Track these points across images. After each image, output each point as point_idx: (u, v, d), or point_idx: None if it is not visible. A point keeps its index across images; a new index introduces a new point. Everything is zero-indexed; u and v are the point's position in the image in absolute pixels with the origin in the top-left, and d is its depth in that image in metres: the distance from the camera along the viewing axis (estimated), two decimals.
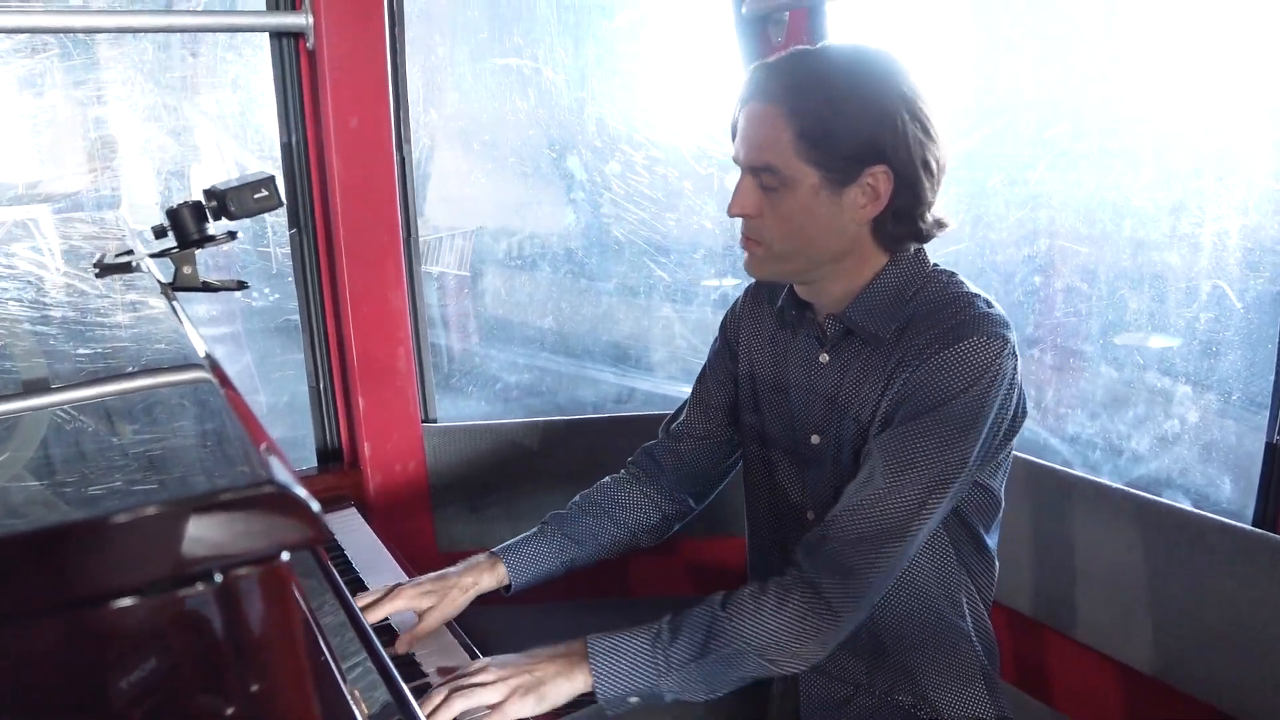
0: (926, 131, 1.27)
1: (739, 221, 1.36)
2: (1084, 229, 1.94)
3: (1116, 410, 1.91)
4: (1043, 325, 2.06)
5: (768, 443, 1.51)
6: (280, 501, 0.45)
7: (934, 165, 1.28)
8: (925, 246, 1.37)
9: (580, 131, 2.63)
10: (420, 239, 2.31)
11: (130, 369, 0.85)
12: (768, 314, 1.50)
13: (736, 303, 1.60)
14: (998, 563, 1.48)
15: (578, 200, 2.71)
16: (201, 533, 0.44)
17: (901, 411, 1.27)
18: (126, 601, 0.43)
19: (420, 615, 1.48)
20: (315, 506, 0.45)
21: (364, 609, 1.46)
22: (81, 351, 0.99)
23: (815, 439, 1.43)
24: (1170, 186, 1.80)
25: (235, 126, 2.36)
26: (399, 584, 1.51)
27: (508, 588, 1.57)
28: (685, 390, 1.68)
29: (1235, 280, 1.69)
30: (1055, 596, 1.79)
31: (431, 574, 1.53)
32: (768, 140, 1.27)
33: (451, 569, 1.54)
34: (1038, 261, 2.05)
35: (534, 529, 1.61)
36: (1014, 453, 1.80)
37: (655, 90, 2.65)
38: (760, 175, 1.29)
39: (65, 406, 0.74)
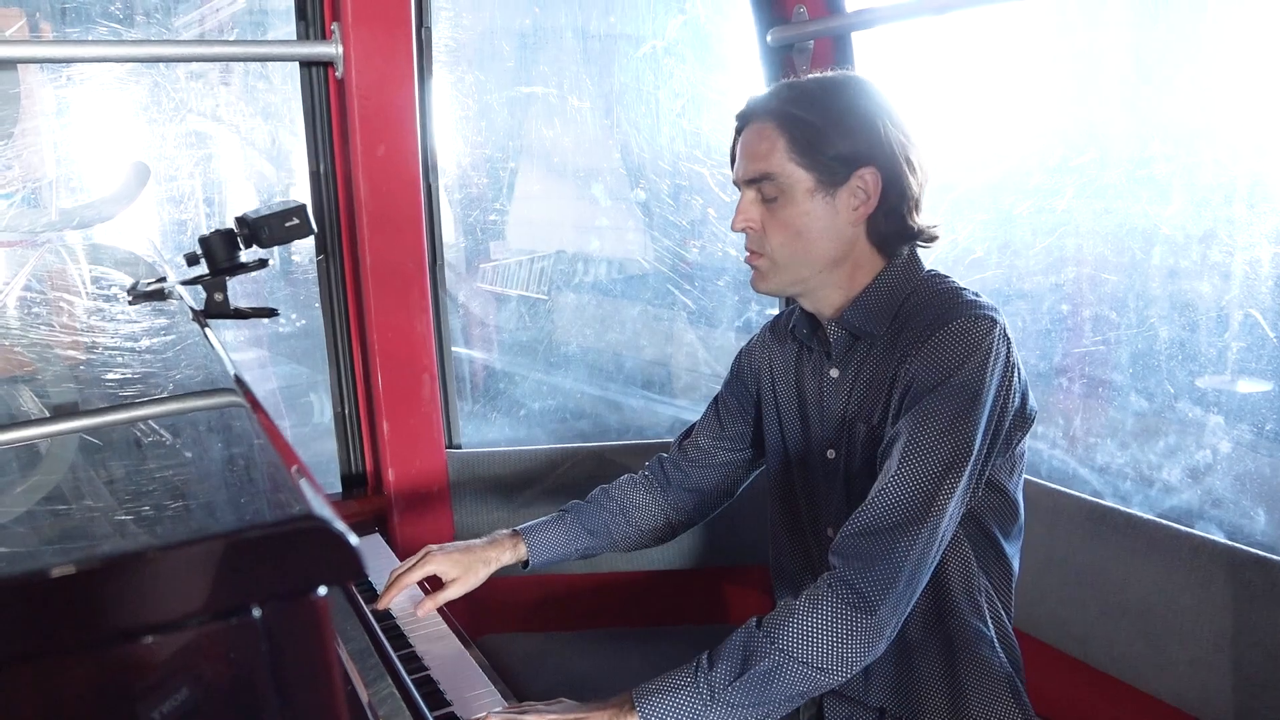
0: (906, 135, 1.38)
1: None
2: (1113, 257, 1.93)
3: (1147, 440, 1.89)
4: (1071, 354, 2.04)
5: (789, 463, 1.57)
6: (319, 537, 0.45)
7: (916, 163, 1.39)
8: (920, 254, 1.45)
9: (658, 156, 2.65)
10: (499, 263, 2.36)
11: (161, 394, 0.85)
12: (789, 343, 1.57)
13: (754, 337, 1.67)
14: (1017, 574, 1.48)
15: (647, 225, 2.72)
16: (239, 567, 0.44)
17: (906, 401, 1.33)
18: (162, 636, 0.43)
19: (445, 583, 1.59)
20: (354, 541, 0.45)
21: (398, 574, 1.60)
22: (111, 377, 1.00)
23: (830, 453, 1.48)
24: (1200, 214, 1.78)
25: (266, 154, 2.39)
26: (428, 550, 1.62)
27: (524, 564, 1.67)
28: None
29: (1268, 309, 1.67)
30: (1085, 629, 1.76)
31: (458, 543, 1.64)
32: (762, 151, 1.38)
33: (475, 541, 1.65)
34: (1065, 290, 2.04)
35: (554, 514, 1.71)
36: (1042, 482, 1.79)
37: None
38: (758, 186, 1.39)
39: (96, 431, 0.74)
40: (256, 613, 0.43)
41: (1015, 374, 1.34)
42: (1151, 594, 1.64)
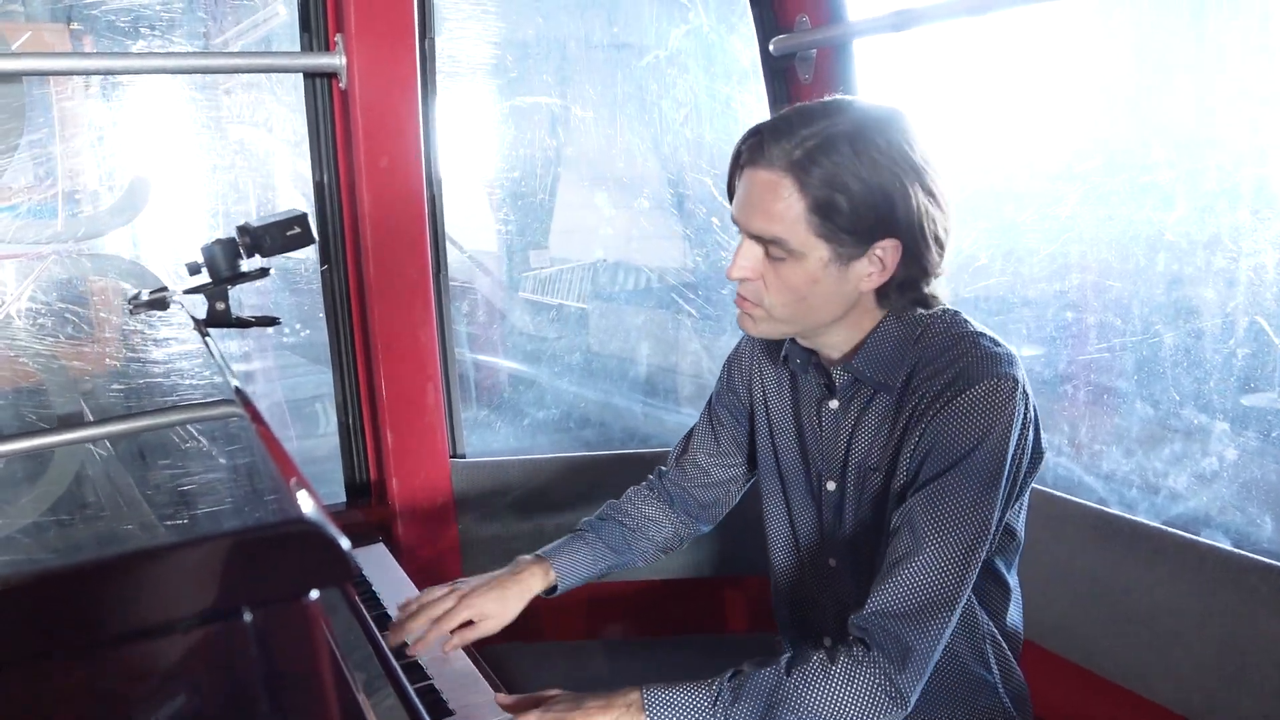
0: (936, 202, 1.25)
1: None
2: (1117, 264, 1.93)
3: (1152, 448, 1.88)
4: (1075, 361, 2.04)
5: (785, 483, 1.52)
6: (312, 541, 0.45)
7: (943, 237, 1.27)
8: (942, 287, 1.36)
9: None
10: (541, 271, 2.35)
11: (162, 404, 0.85)
12: (780, 366, 1.50)
13: (742, 342, 1.60)
14: (1021, 600, 1.46)
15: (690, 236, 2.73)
16: (232, 570, 0.43)
17: (925, 469, 1.26)
18: (154, 639, 0.43)
19: (478, 621, 1.50)
20: (346, 545, 0.45)
21: (437, 621, 1.48)
22: (114, 388, 1.00)
23: (831, 485, 1.43)
24: (1204, 221, 1.78)
25: (270, 165, 2.40)
26: (462, 592, 1.52)
27: (551, 590, 1.60)
28: None
29: (1273, 315, 1.66)
30: (1090, 636, 1.75)
31: (483, 577, 1.55)
32: (777, 213, 1.24)
33: (500, 571, 1.56)
34: (1070, 297, 2.03)
35: (571, 534, 1.65)
36: (1049, 490, 1.78)
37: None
38: (767, 245, 1.27)
39: (97, 441, 0.74)
40: (248, 616, 0.43)
41: (1031, 428, 1.29)
42: (1157, 601, 1.63)
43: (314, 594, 0.45)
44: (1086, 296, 2.01)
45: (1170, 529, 1.65)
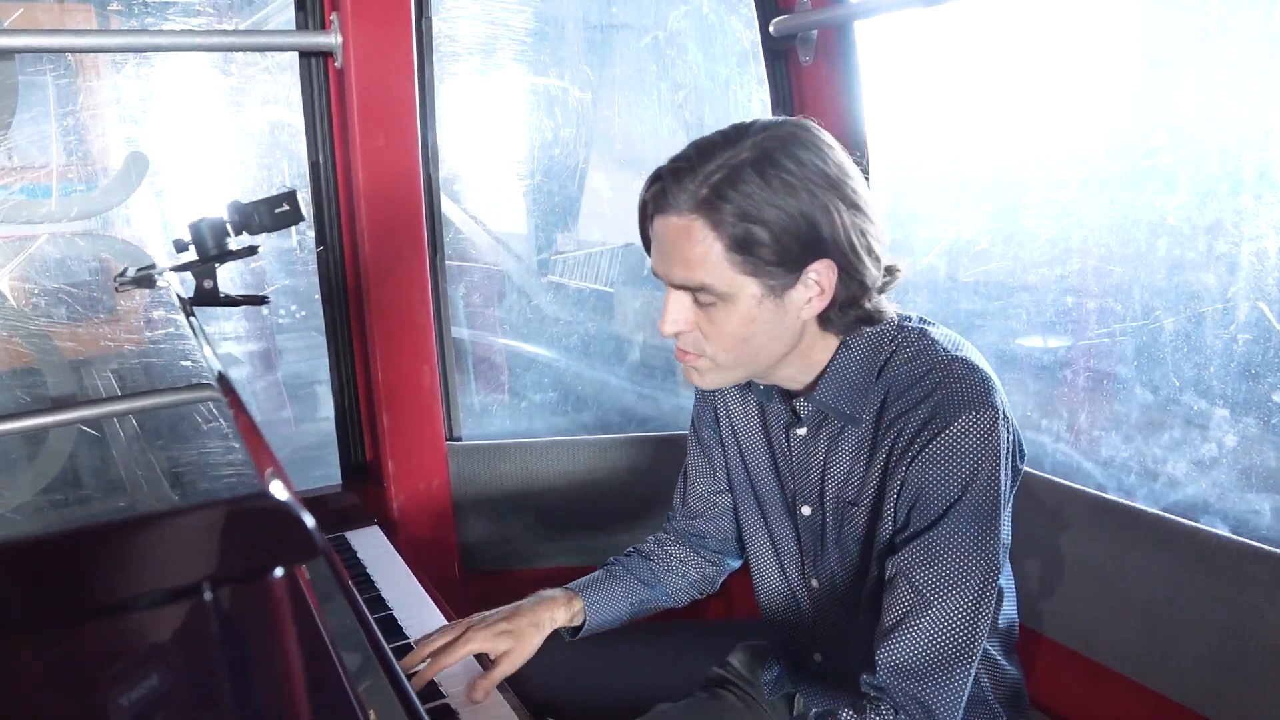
0: (862, 213, 1.18)
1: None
2: (1118, 248, 1.91)
3: (1151, 434, 1.87)
4: (1075, 346, 2.02)
5: (762, 504, 1.47)
6: (275, 517, 0.44)
7: (876, 248, 1.20)
8: (886, 301, 1.28)
9: None
10: (568, 255, 2.34)
11: (140, 388, 0.84)
12: (744, 388, 1.45)
13: None
14: (1015, 591, 1.45)
15: None
16: (191, 546, 0.42)
17: (915, 518, 1.22)
18: (112, 616, 0.42)
19: (495, 659, 1.42)
20: (310, 522, 0.44)
21: (434, 654, 1.40)
22: (111, 368, 0.99)
23: (806, 510, 1.38)
24: (1206, 205, 1.76)
25: (264, 145, 2.38)
26: (468, 624, 1.44)
27: (575, 630, 1.52)
28: None
29: (1275, 301, 1.65)
30: (1089, 624, 1.74)
31: (502, 610, 1.47)
32: (696, 258, 1.16)
33: (523, 602, 1.49)
34: (1070, 282, 2.01)
35: (600, 571, 1.58)
36: (1047, 476, 1.77)
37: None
38: (694, 293, 1.20)
39: (71, 425, 0.73)
40: (207, 595, 0.42)
41: (1015, 448, 1.25)
42: (1156, 589, 1.62)
43: (278, 572, 0.44)
44: (1087, 281, 2.00)
45: (1169, 515, 1.64)
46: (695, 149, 1.17)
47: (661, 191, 1.18)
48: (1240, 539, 1.53)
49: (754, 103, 2.51)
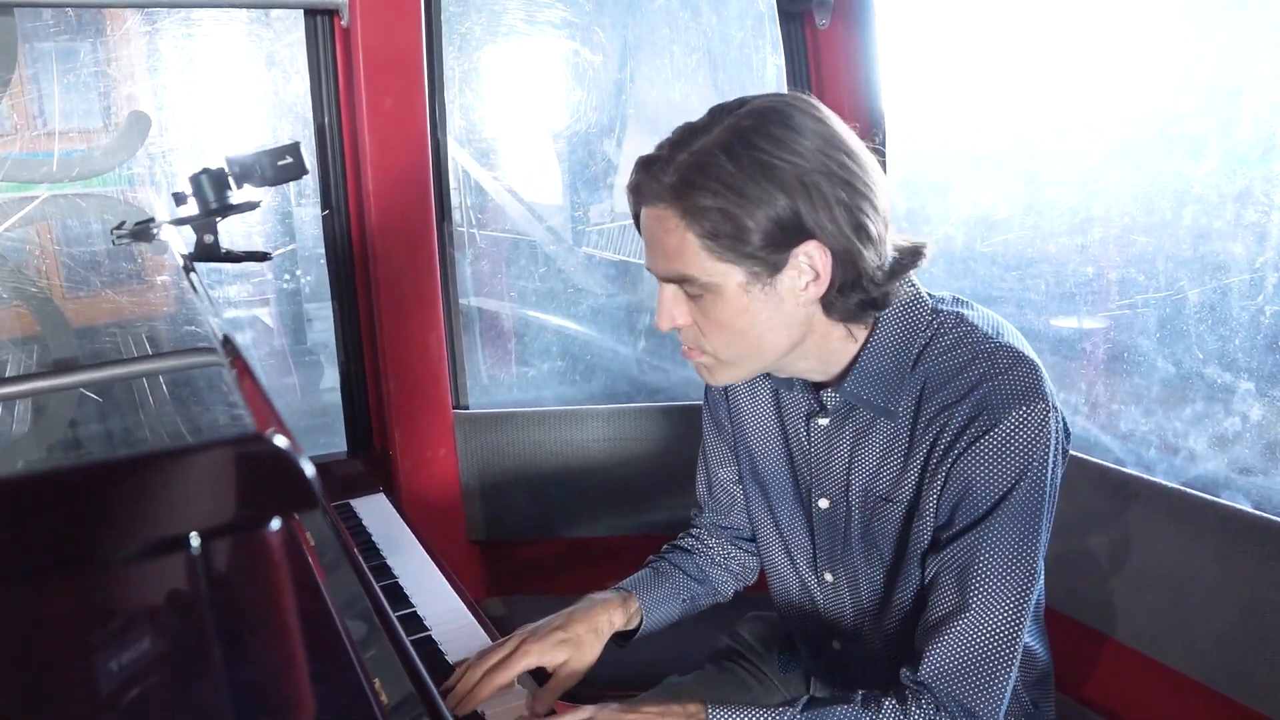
0: (855, 188, 1.09)
1: None
2: (1142, 217, 1.86)
3: (1173, 408, 1.83)
4: (1096, 317, 1.98)
5: (769, 494, 1.41)
6: (271, 462, 0.40)
7: (871, 227, 1.11)
8: (917, 282, 1.21)
9: None
10: (603, 228, 2.30)
11: (138, 351, 0.81)
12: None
13: None
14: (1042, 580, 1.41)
15: None
16: (182, 493, 0.39)
17: (960, 515, 1.16)
18: (98, 566, 0.39)
19: (553, 671, 1.34)
20: (311, 471, 0.40)
21: (490, 671, 1.30)
22: (95, 331, 0.96)
23: (824, 503, 1.32)
24: (1235, 173, 1.71)
25: (271, 105, 2.34)
26: (521, 636, 1.35)
27: (629, 635, 1.45)
28: None
29: None
30: (1107, 601, 1.71)
31: (555, 617, 1.39)
32: (674, 249, 1.11)
33: (575, 607, 1.40)
34: (1091, 251, 1.97)
35: (646, 569, 1.51)
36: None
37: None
38: (681, 285, 1.15)
39: (71, 388, 0.70)
40: (196, 542, 0.39)
41: (1065, 435, 1.20)
42: (1176, 565, 1.59)
43: (274, 524, 0.41)
44: (1109, 251, 1.95)
45: (1190, 490, 1.60)
46: (674, 135, 1.13)
47: (637, 183, 1.14)
48: (1263, 514, 1.50)
49: (769, 69, 2.46)
